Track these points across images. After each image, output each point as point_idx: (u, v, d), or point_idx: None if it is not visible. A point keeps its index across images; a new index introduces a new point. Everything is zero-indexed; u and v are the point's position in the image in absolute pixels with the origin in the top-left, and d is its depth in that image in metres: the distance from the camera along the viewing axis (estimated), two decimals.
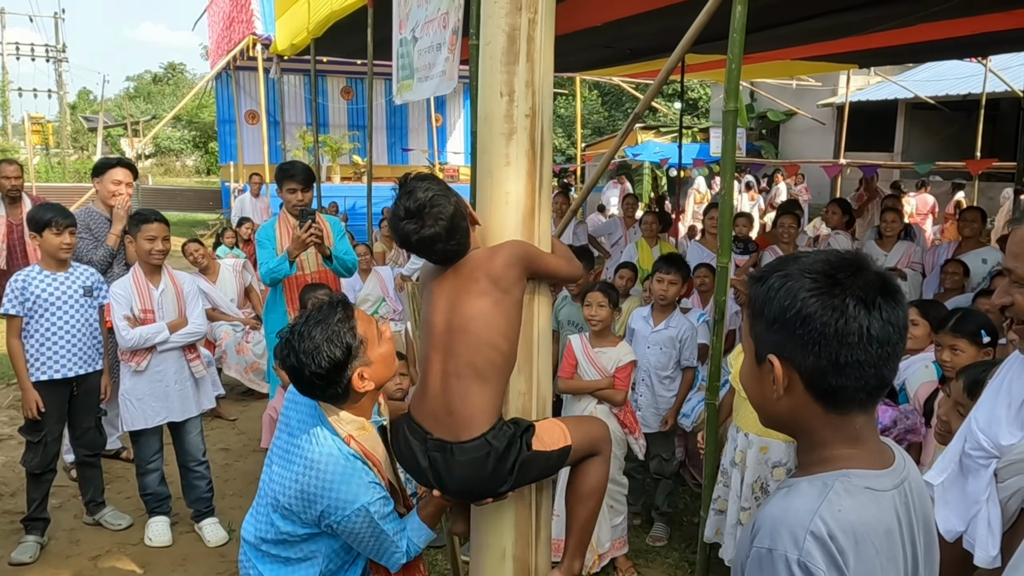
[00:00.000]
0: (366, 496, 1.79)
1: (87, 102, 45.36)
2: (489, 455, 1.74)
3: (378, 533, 1.84)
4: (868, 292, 1.01)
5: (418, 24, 5.17)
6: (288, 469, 1.84)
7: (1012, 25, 6.82)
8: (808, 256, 1.07)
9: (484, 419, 1.76)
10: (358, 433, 1.84)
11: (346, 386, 1.78)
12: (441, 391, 1.80)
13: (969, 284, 4.70)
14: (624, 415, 3.49)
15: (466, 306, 1.78)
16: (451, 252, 1.81)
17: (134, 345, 3.44)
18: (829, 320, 1.00)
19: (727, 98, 2.91)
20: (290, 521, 1.84)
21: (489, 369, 1.76)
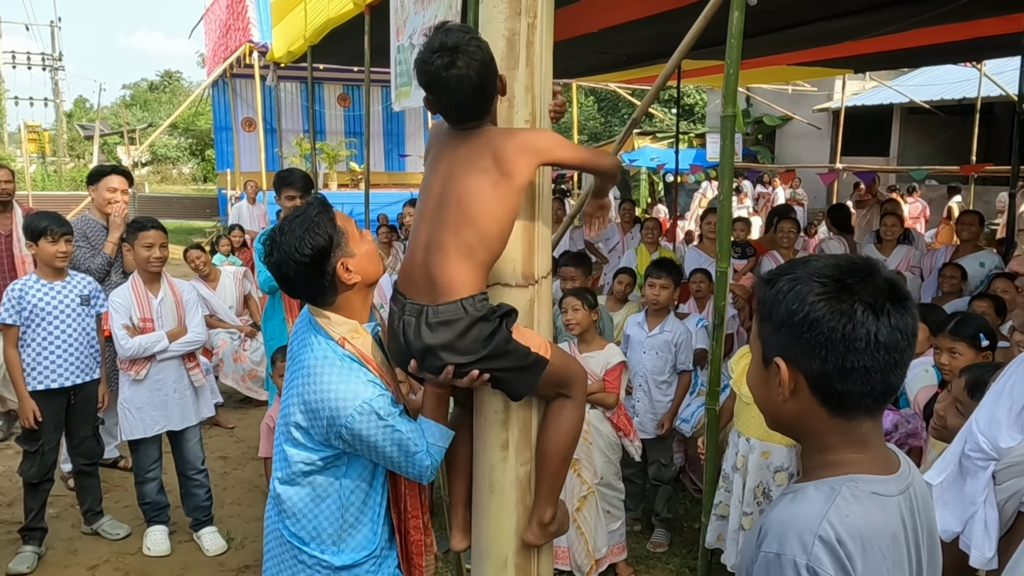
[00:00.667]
0: (366, 393, 1.74)
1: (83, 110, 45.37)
2: (461, 320, 1.67)
3: (391, 433, 1.77)
4: (877, 298, 1.01)
5: (415, 31, 5.18)
6: (291, 389, 1.83)
7: (1006, 29, 6.85)
8: (818, 260, 1.07)
9: (463, 289, 1.68)
10: (352, 335, 1.82)
11: (332, 278, 1.77)
12: (423, 261, 1.73)
13: (967, 288, 4.71)
14: (618, 418, 3.49)
15: (463, 180, 1.70)
16: (471, 109, 1.70)
17: (133, 354, 3.43)
18: (836, 325, 1.00)
19: (725, 104, 2.91)
20: (303, 447, 1.80)
21: (473, 248, 1.69)
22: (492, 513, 1.92)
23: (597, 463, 3.40)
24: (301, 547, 1.88)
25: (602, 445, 3.45)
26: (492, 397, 1.86)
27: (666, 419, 3.82)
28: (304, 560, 1.89)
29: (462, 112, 1.71)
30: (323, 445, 1.79)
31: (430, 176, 1.79)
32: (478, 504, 1.97)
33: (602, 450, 3.45)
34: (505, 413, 1.86)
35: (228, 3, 14.00)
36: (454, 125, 1.76)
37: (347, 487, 1.86)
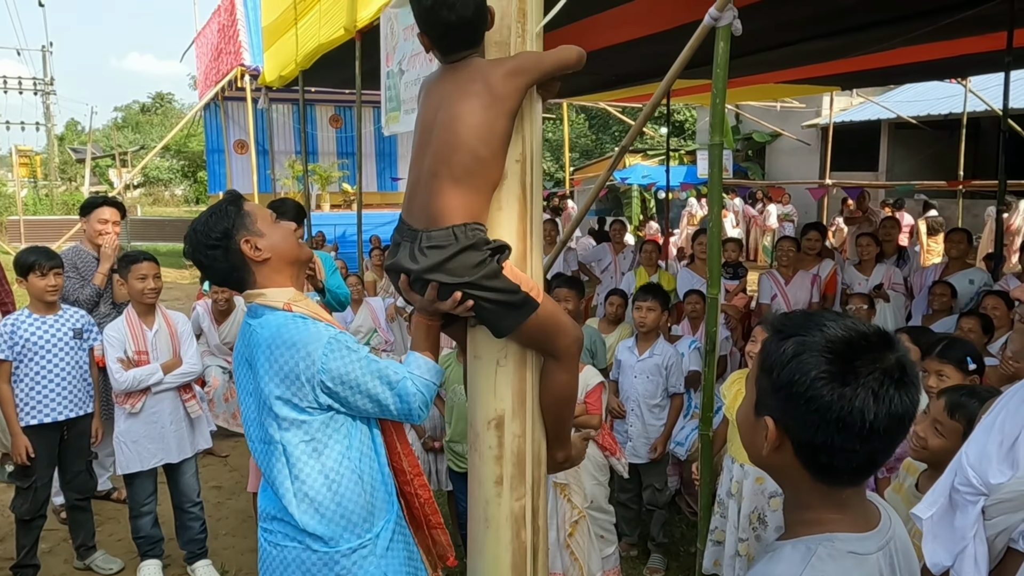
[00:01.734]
0: (329, 331, 1.79)
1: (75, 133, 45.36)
2: (451, 246, 1.70)
3: (368, 364, 1.78)
4: (883, 384, 0.99)
5: (405, 57, 5.24)
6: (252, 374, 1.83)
7: (988, 47, 6.95)
8: (833, 325, 1.03)
9: (455, 215, 1.70)
10: (295, 300, 1.86)
11: (240, 257, 1.84)
12: (422, 189, 1.77)
13: (957, 305, 4.75)
14: (603, 438, 3.49)
15: (455, 105, 1.73)
16: (467, 31, 1.74)
17: (128, 388, 3.42)
18: (834, 407, 0.99)
19: (712, 132, 2.94)
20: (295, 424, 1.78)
21: (465, 173, 1.71)
22: (488, 548, 1.92)
23: (586, 486, 3.40)
24: (334, 549, 1.83)
25: (590, 467, 3.45)
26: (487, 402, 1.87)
27: (659, 443, 3.82)
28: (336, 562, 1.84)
29: (458, 35, 1.75)
30: (312, 408, 1.79)
31: (423, 111, 1.83)
32: (473, 540, 1.97)
33: (590, 472, 3.45)
34: (499, 449, 1.86)
35: (220, 27, 14.07)
36: (447, 54, 1.80)
37: (353, 456, 1.84)
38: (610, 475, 3.53)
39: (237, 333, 1.92)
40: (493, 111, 1.71)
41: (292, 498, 1.81)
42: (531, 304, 1.76)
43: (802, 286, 5.36)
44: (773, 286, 5.42)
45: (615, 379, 3.91)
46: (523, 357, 1.86)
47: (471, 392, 1.93)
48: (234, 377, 1.98)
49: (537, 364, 1.91)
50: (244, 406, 1.91)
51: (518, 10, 1.78)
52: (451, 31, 1.73)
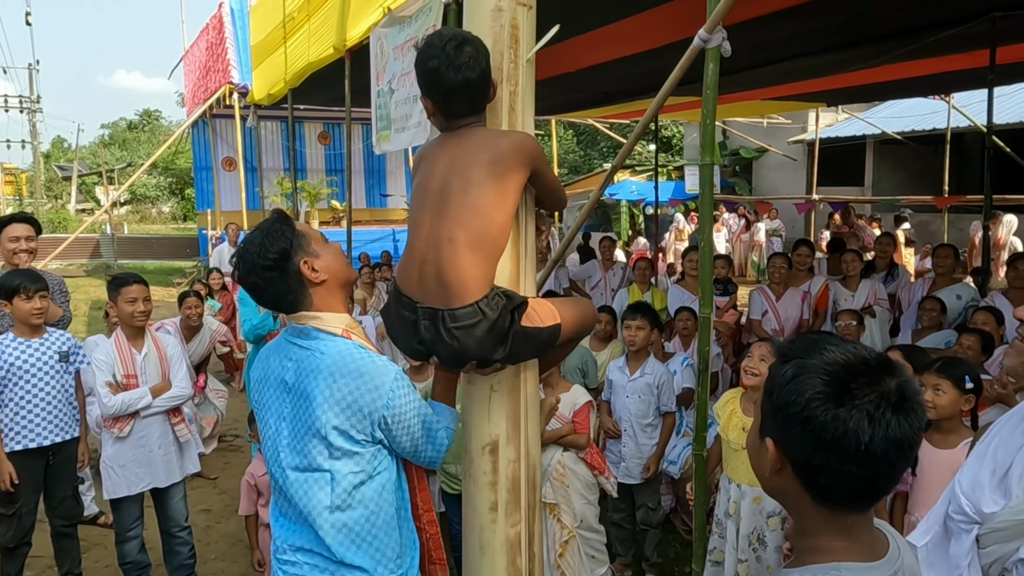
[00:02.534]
0: (394, 367, 1.75)
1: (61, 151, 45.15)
2: (481, 323, 1.69)
3: (419, 407, 1.77)
4: (879, 407, 0.99)
5: (395, 76, 5.25)
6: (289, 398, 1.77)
7: (971, 64, 7.05)
8: (834, 348, 1.05)
9: (476, 288, 1.70)
10: (352, 328, 1.81)
11: (298, 277, 1.77)
12: (431, 257, 1.75)
13: (946, 320, 4.77)
14: (591, 457, 3.47)
15: (468, 171, 1.73)
16: (475, 98, 1.75)
17: (116, 412, 3.37)
18: (828, 428, 0.99)
19: (703, 152, 2.95)
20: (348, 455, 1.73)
21: (482, 239, 1.72)
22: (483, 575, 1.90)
23: (576, 506, 3.37)
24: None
25: (579, 486, 3.43)
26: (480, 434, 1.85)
27: (651, 462, 3.80)
28: None
29: (463, 98, 1.76)
30: (366, 441, 1.74)
31: (427, 175, 1.82)
32: (468, 567, 1.95)
33: (580, 492, 3.43)
34: (494, 475, 1.85)
35: (208, 45, 14.08)
36: (450, 119, 1.81)
37: (390, 489, 1.81)
38: (600, 494, 3.51)
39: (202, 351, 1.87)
40: (504, 183, 1.74)
41: (330, 528, 1.74)
42: (557, 331, 1.82)
43: (793, 302, 5.38)
44: (764, 302, 5.43)
45: (607, 399, 3.89)
46: (516, 382, 1.85)
47: (465, 417, 1.91)
48: (254, 398, 1.90)
49: (533, 389, 1.90)
50: (271, 430, 1.83)
51: (510, 36, 1.79)
52: (457, 94, 1.74)
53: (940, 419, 2.63)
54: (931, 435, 2.63)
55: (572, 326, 1.87)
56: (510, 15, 1.76)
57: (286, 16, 7.67)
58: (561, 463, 3.28)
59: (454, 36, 1.72)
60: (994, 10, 5.44)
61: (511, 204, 1.76)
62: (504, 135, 1.79)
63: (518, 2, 1.77)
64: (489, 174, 1.72)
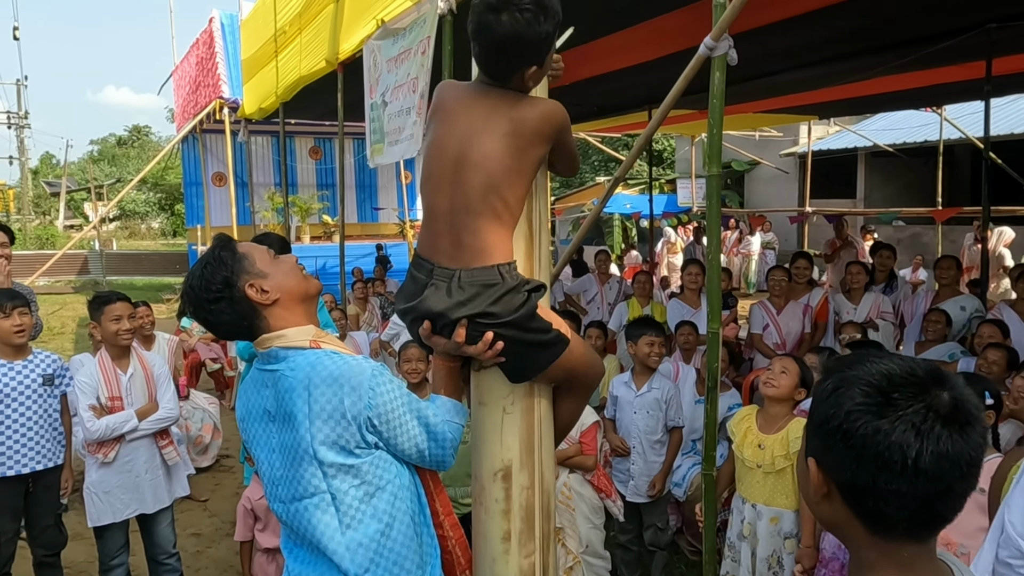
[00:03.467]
0: (370, 363, 1.65)
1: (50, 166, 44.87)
2: (497, 286, 1.61)
3: (408, 400, 1.66)
4: (926, 419, 0.91)
5: (388, 89, 5.18)
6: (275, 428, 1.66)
7: (966, 76, 7.05)
8: (880, 362, 0.98)
9: (498, 253, 1.63)
10: (319, 337, 1.71)
11: (247, 304, 1.68)
12: (450, 225, 1.66)
13: (951, 333, 4.71)
14: (598, 479, 3.37)
15: (486, 143, 1.64)
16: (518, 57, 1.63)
17: (100, 436, 3.23)
18: (869, 441, 0.91)
19: (710, 163, 2.88)
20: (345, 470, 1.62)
21: (502, 208, 1.64)
22: None
23: (581, 530, 3.27)
24: None
25: (585, 510, 3.33)
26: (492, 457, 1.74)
27: (658, 479, 3.69)
28: None
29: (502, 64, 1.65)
30: (360, 448, 1.62)
31: (443, 137, 1.71)
32: None
33: (586, 515, 3.32)
34: (507, 503, 1.74)
35: (198, 60, 14.00)
36: (484, 72, 1.70)
37: (403, 497, 1.68)
38: (606, 518, 3.41)
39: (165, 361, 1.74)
40: (525, 156, 1.65)
41: (345, 551, 1.62)
42: (562, 342, 1.71)
43: (794, 315, 5.31)
44: (765, 316, 5.36)
45: (611, 416, 3.79)
46: (531, 403, 1.75)
47: (475, 441, 1.81)
48: (244, 438, 1.80)
49: (547, 410, 1.80)
50: (264, 466, 1.72)
51: None
52: (504, 51, 1.62)
53: None
54: None
55: (577, 361, 1.76)
56: None
57: (277, 30, 7.61)
58: (567, 486, 3.18)
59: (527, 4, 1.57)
60: (989, 22, 5.44)
61: (529, 175, 1.69)
62: (532, 105, 1.68)
63: None
64: (510, 147, 1.63)
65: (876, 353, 1.02)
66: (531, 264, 1.75)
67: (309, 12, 6.63)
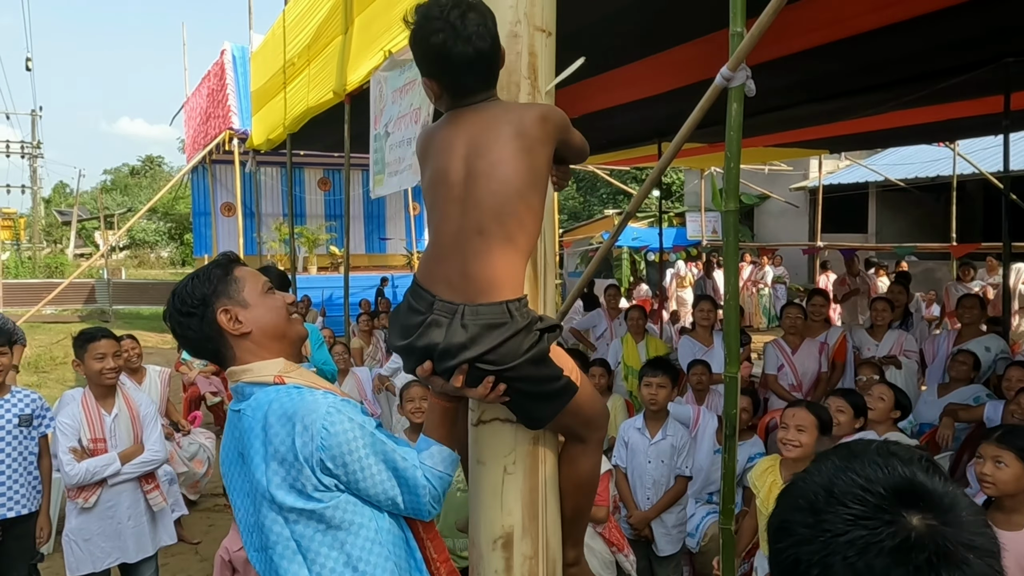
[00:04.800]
0: (327, 399, 1.47)
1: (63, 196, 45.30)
2: (505, 326, 1.42)
3: (372, 441, 1.47)
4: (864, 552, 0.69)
5: (391, 119, 5.11)
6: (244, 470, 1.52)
7: (982, 111, 6.95)
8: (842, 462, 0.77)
9: (507, 286, 1.46)
10: (286, 371, 1.56)
11: (215, 328, 1.57)
12: (457, 250, 1.49)
13: (977, 375, 4.51)
14: (609, 532, 3.18)
15: (493, 150, 1.49)
16: (486, 70, 1.52)
17: (80, 481, 3.05)
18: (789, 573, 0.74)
19: (727, 198, 2.73)
20: (303, 516, 1.45)
21: (517, 227, 1.47)
22: None
23: None
24: None
25: (596, 565, 3.12)
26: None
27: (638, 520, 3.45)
28: None
29: (477, 72, 1.51)
30: (318, 491, 1.44)
31: (445, 161, 1.54)
32: None
33: (596, 570, 3.12)
34: (507, 573, 1.57)
35: (209, 91, 14.11)
36: (462, 97, 1.55)
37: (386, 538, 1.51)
38: (617, 573, 3.20)
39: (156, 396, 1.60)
40: (535, 158, 1.50)
41: None
42: (571, 389, 1.54)
43: (810, 355, 5.13)
44: (780, 356, 5.18)
45: (621, 464, 3.60)
46: (535, 462, 1.59)
47: (473, 504, 1.64)
48: (225, 483, 1.66)
49: (553, 469, 1.63)
50: (241, 511, 1.58)
51: (528, 66, 1.58)
52: (469, 68, 1.50)
53: (1002, 496, 2.35)
54: (992, 514, 2.34)
55: (586, 405, 1.60)
56: (528, 41, 1.55)
57: (286, 62, 7.60)
58: None
59: (457, 2, 1.47)
60: (1006, 55, 5.35)
61: (543, 182, 1.54)
62: (527, 106, 1.57)
63: (536, 27, 1.56)
64: (519, 149, 1.48)
65: (866, 448, 0.78)
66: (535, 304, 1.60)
67: (318, 44, 6.62)
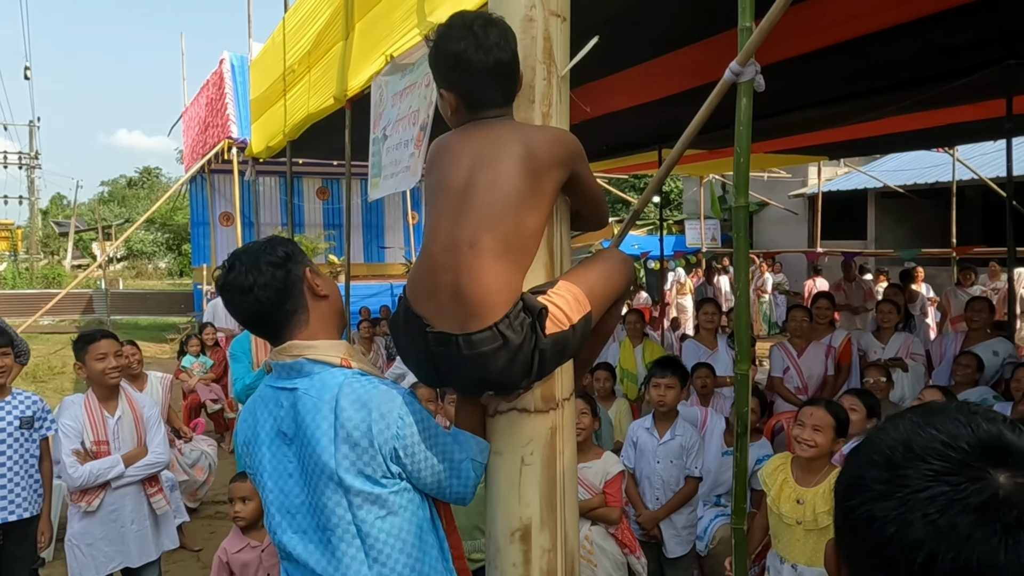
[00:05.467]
0: (402, 391, 1.50)
1: (60, 207, 45.24)
2: (501, 349, 1.43)
3: (435, 433, 1.51)
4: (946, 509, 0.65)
5: (390, 123, 5.10)
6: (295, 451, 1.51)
7: (982, 115, 6.96)
8: (919, 420, 0.73)
9: (498, 303, 1.44)
10: (351, 355, 1.57)
11: (299, 287, 1.56)
12: (448, 264, 1.47)
13: (983, 377, 4.49)
14: (622, 534, 3.14)
15: (499, 164, 1.48)
16: (506, 85, 1.53)
17: (83, 484, 3.02)
18: (865, 530, 0.69)
19: (738, 194, 2.70)
20: (369, 500, 1.46)
21: (510, 245, 1.46)
22: None
23: None
24: None
25: (607, 566, 3.08)
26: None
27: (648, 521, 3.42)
28: None
29: (495, 85, 1.52)
30: (386, 478, 1.46)
31: (449, 170, 1.54)
32: None
33: (608, 572, 3.08)
34: (525, 567, 1.54)
35: (208, 101, 14.11)
36: (477, 110, 1.55)
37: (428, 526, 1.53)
38: (627, 574, 3.16)
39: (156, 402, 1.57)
40: (540, 181, 1.49)
41: None
42: (587, 319, 1.56)
43: (816, 357, 5.10)
44: (785, 358, 5.15)
45: (630, 465, 3.56)
46: (553, 453, 1.56)
47: (490, 495, 1.61)
48: (247, 463, 1.64)
49: (572, 461, 1.60)
50: (272, 495, 1.55)
51: (544, 50, 1.56)
52: (488, 79, 1.50)
53: None
54: None
55: (605, 302, 1.63)
56: (543, 26, 1.53)
57: (286, 69, 7.60)
58: (589, 539, 2.95)
59: (479, 16, 1.49)
60: (1008, 58, 5.35)
61: (547, 205, 1.52)
62: (541, 127, 1.57)
63: (551, 12, 1.54)
64: (524, 169, 1.47)
65: (944, 407, 0.76)
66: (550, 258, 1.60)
67: (318, 50, 6.61)
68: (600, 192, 1.70)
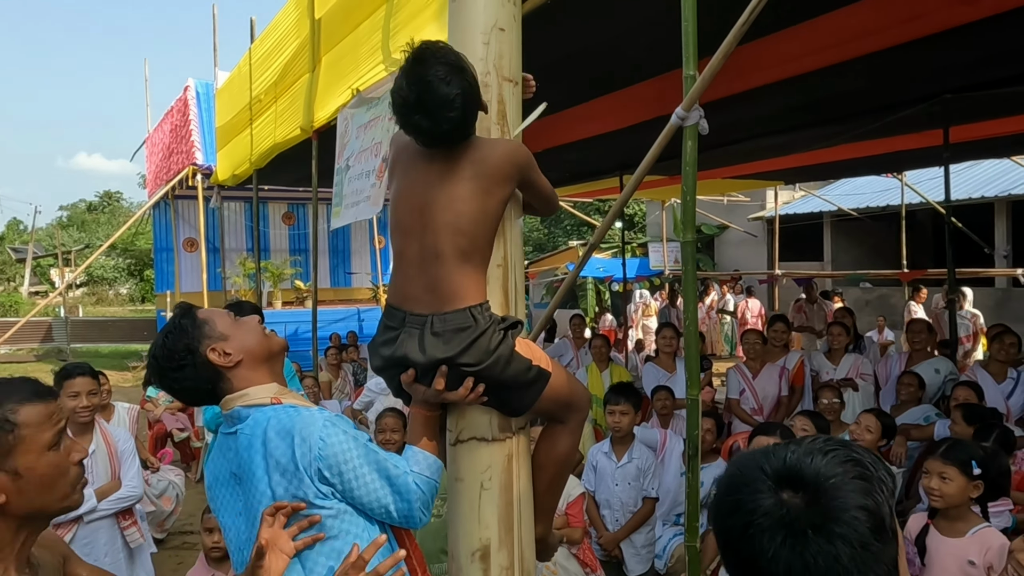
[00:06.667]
0: (324, 415, 1.60)
1: (16, 232, 44.29)
2: (470, 329, 1.60)
3: (366, 452, 1.58)
4: (749, 525, 0.90)
5: (353, 154, 5.22)
6: (239, 490, 1.61)
7: (925, 144, 7.31)
8: (750, 455, 0.95)
9: (468, 296, 1.64)
10: (281, 394, 1.68)
11: (211, 368, 1.67)
12: (421, 271, 1.68)
13: (925, 395, 4.72)
14: (583, 553, 3.26)
15: (450, 187, 1.66)
16: (462, 128, 1.66)
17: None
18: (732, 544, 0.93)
19: (685, 229, 2.88)
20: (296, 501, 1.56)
21: (470, 251, 1.66)
22: None
23: None
24: None
25: None
26: None
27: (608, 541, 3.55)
28: None
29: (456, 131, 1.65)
30: (318, 498, 1.56)
31: (405, 189, 1.73)
32: None
33: None
34: None
35: (172, 127, 14.07)
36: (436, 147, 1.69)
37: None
38: None
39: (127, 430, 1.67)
40: (490, 197, 1.67)
41: None
42: (544, 376, 1.70)
43: (770, 379, 5.30)
44: (741, 381, 5.35)
45: (589, 488, 3.70)
46: (510, 478, 1.69)
47: (452, 518, 1.73)
48: (213, 507, 1.74)
49: (527, 486, 1.73)
50: (232, 531, 1.66)
51: (498, 112, 1.71)
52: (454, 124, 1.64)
53: (947, 507, 2.50)
54: (938, 522, 2.50)
55: (561, 393, 1.75)
56: (497, 91, 1.69)
57: (252, 98, 7.69)
58: (552, 559, 3.06)
59: (428, 91, 1.58)
60: (945, 92, 5.67)
61: (497, 217, 1.71)
62: (493, 147, 1.71)
63: (504, 78, 1.70)
64: (476, 189, 1.66)
65: (777, 446, 0.96)
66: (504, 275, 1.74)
67: (285, 81, 6.72)
68: (550, 190, 1.88)
